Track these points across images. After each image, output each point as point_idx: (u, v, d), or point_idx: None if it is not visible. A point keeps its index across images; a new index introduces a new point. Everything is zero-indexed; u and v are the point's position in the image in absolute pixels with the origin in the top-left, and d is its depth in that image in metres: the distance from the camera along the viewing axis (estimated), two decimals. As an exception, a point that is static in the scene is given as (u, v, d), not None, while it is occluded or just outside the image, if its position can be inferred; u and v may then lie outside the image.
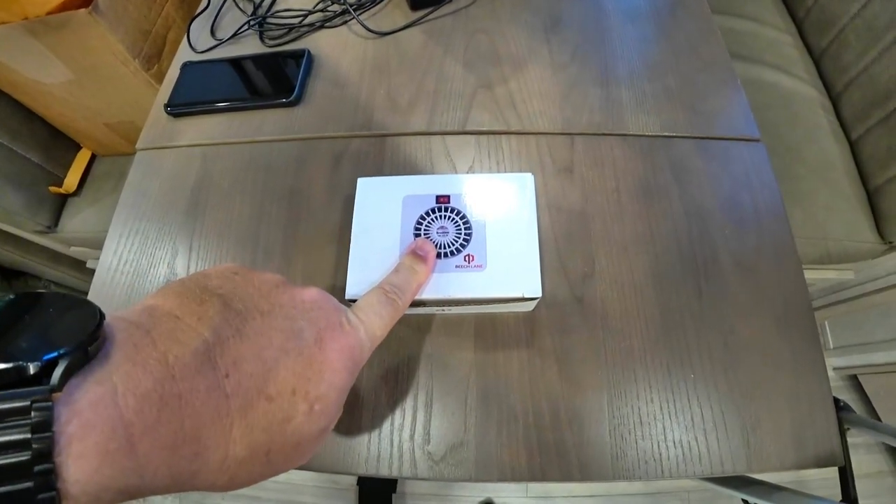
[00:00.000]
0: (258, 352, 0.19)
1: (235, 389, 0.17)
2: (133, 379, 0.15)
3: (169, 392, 0.16)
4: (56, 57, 0.70)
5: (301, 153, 0.48)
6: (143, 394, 0.15)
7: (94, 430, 0.14)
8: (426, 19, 0.56)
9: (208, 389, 0.17)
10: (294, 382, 0.19)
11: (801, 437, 0.35)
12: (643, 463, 0.34)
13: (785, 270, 0.40)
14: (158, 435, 0.15)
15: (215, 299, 0.19)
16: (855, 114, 0.78)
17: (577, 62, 0.52)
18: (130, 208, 0.47)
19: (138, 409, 0.15)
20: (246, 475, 0.19)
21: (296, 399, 0.19)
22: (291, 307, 0.21)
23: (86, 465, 0.14)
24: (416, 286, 0.30)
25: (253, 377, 0.18)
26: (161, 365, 0.16)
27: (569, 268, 0.40)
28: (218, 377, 0.17)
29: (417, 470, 0.35)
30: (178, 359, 0.16)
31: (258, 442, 0.18)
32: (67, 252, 0.97)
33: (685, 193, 0.44)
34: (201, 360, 0.17)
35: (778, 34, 0.90)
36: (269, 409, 0.18)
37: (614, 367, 0.37)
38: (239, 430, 0.17)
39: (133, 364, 0.16)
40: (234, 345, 0.18)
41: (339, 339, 0.22)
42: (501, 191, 0.36)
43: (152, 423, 0.15)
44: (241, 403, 0.18)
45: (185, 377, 0.16)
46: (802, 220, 0.72)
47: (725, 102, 0.49)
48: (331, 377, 0.21)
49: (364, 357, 0.24)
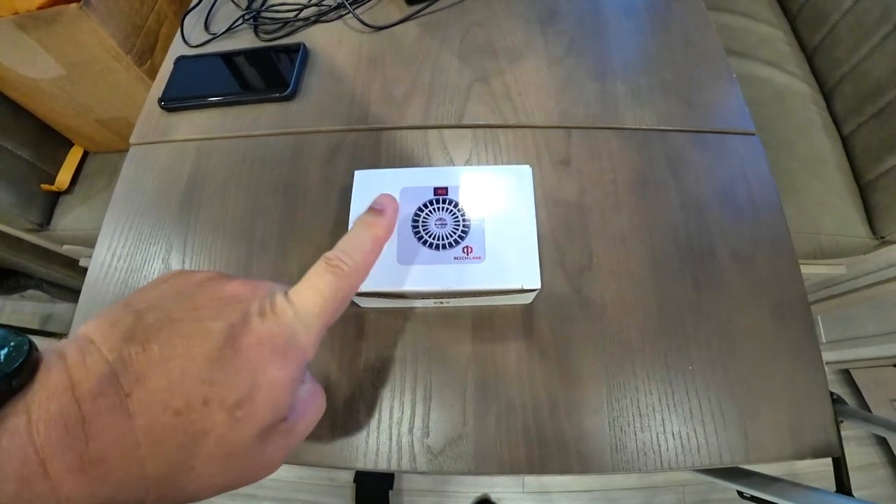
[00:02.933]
0: (163, 364, 0.18)
1: (139, 408, 0.17)
2: (44, 406, 0.16)
3: (73, 416, 0.16)
4: (46, 52, 0.69)
5: (296, 147, 0.48)
6: (50, 419, 0.16)
7: (11, 458, 0.15)
8: (422, 13, 0.56)
9: (108, 410, 0.17)
10: (204, 391, 0.18)
11: (798, 428, 0.35)
12: (642, 455, 0.35)
13: (781, 262, 0.41)
14: (66, 459, 0.16)
15: (129, 316, 0.19)
16: (847, 109, 0.79)
17: (573, 55, 0.52)
18: (124, 204, 0.47)
19: (47, 435, 0.15)
20: (179, 490, 0.18)
21: (209, 409, 0.18)
22: (206, 307, 0.20)
23: (7, 489, 0.14)
24: (371, 243, 0.25)
25: (157, 392, 0.17)
26: (66, 391, 0.16)
27: (567, 260, 0.40)
28: (119, 397, 0.17)
29: (416, 464, 0.35)
30: (82, 382, 0.17)
31: (174, 459, 0.17)
32: (59, 250, 0.96)
33: (682, 186, 0.44)
34: (104, 382, 0.17)
35: (771, 30, 0.90)
36: (178, 424, 0.17)
37: (613, 359, 0.37)
38: (147, 448, 0.17)
39: (46, 391, 0.16)
40: (137, 361, 0.18)
41: (256, 331, 0.20)
42: (500, 183, 0.36)
43: (59, 448, 0.15)
44: (146, 422, 0.17)
45: (87, 400, 0.16)
46: (795, 215, 0.73)
47: (721, 96, 0.49)
48: (251, 377, 0.19)
49: (300, 344, 0.21)
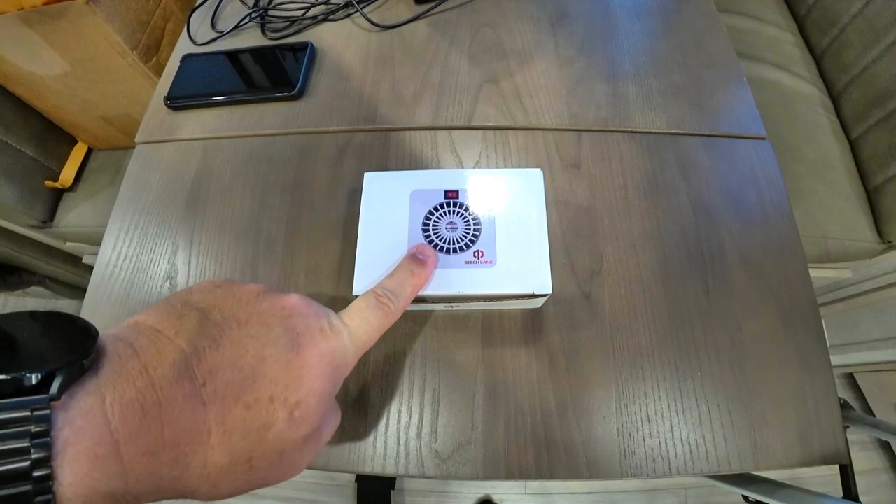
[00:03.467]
0: (234, 360, 0.19)
1: (212, 397, 0.18)
2: (119, 389, 0.16)
3: (150, 401, 0.17)
4: (52, 48, 0.68)
5: (304, 146, 0.48)
6: (127, 402, 0.16)
7: (86, 437, 0.15)
8: (431, 13, 0.56)
9: (185, 398, 0.17)
10: (271, 389, 0.20)
11: (806, 435, 0.35)
12: (651, 461, 0.34)
13: (791, 267, 0.40)
14: (140, 441, 0.16)
15: (194, 313, 0.20)
16: (855, 113, 0.78)
17: (583, 57, 0.52)
18: (129, 202, 0.47)
19: (122, 416, 0.16)
20: (229, 483, 0.19)
21: (274, 406, 0.19)
22: (270, 315, 0.22)
23: (78, 469, 0.15)
24: (411, 290, 0.29)
25: (229, 385, 0.19)
26: (142, 375, 0.17)
27: (577, 264, 0.40)
28: (195, 386, 0.18)
29: (424, 468, 0.35)
30: (157, 369, 0.17)
31: (238, 449, 0.19)
32: (63, 247, 0.96)
33: (692, 190, 0.43)
34: (179, 371, 0.18)
35: (779, 32, 0.90)
36: (247, 417, 0.19)
37: (622, 365, 0.37)
38: (217, 437, 0.18)
39: (118, 375, 0.17)
40: (210, 355, 0.19)
41: (318, 343, 0.22)
42: (510, 186, 0.36)
43: (135, 430, 0.16)
44: (218, 411, 0.18)
45: (164, 386, 0.17)
46: (802, 219, 0.72)
47: (732, 100, 0.49)
48: (310, 383, 0.21)
49: (348, 362, 0.23)
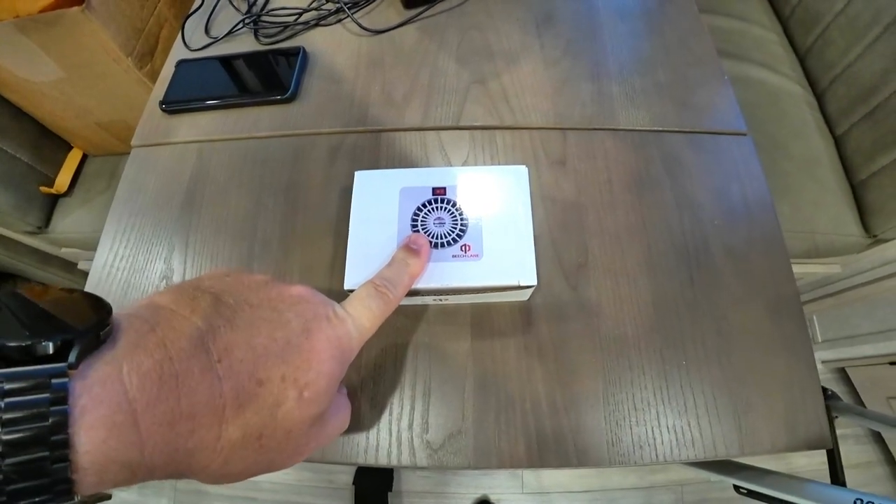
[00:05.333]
0: (248, 340, 0.20)
1: (227, 373, 0.19)
2: (136, 360, 0.17)
3: (167, 372, 0.17)
4: (47, 55, 0.69)
5: (297, 148, 0.49)
6: (145, 373, 0.16)
7: (103, 404, 0.15)
8: (420, 17, 0.57)
9: (202, 371, 0.18)
10: (283, 369, 0.20)
11: (791, 421, 0.36)
12: (638, 448, 0.35)
13: (774, 258, 0.41)
14: (157, 411, 0.16)
15: (207, 296, 0.21)
16: (839, 110, 0.80)
17: (568, 57, 0.53)
18: (126, 205, 0.47)
19: (140, 386, 0.16)
20: (239, 461, 0.19)
21: (285, 385, 0.20)
22: (279, 301, 0.23)
23: (94, 436, 0.15)
24: (408, 279, 0.31)
25: (244, 363, 0.19)
26: (160, 348, 0.17)
27: (563, 258, 0.41)
28: (211, 361, 0.18)
29: (416, 459, 0.35)
30: (175, 343, 0.18)
31: (250, 424, 0.19)
32: (58, 253, 0.96)
33: (676, 185, 0.44)
34: (195, 345, 0.18)
35: (764, 32, 0.91)
36: (260, 393, 0.19)
37: (609, 355, 0.38)
38: (231, 411, 0.18)
39: (136, 347, 0.17)
40: (225, 333, 0.19)
41: (326, 329, 0.23)
42: (497, 182, 0.37)
43: (153, 400, 0.16)
44: (233, 386, 0.19)
45: (182, 359, 0.18)
46: (790, 215, 0.74)
47: (714, 97, 0.50)
48: (318, 366, 0.22)
49: (352, 348, 0.24)
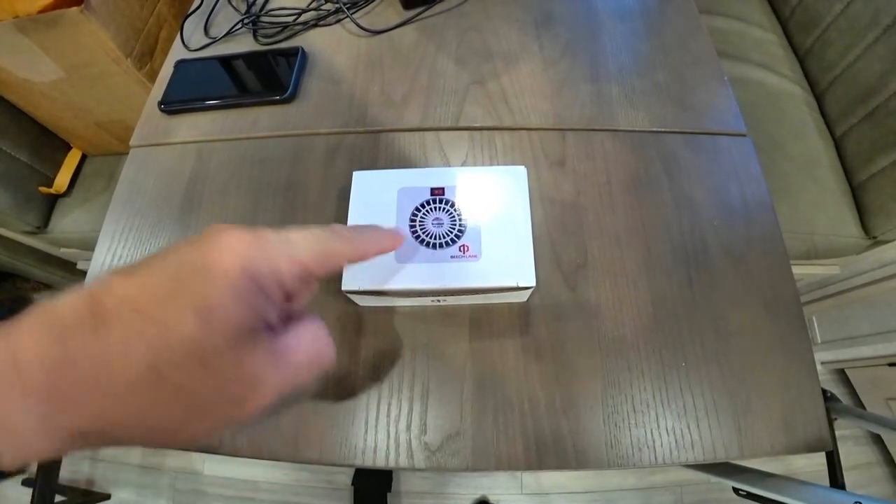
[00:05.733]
0: (142, 279, 0.19)
1: (113, 316, 0.18)
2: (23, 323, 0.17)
3: (51, 324, 0.17)
4: (47, 55, 0.69)
5: (296, 148, 0.48)
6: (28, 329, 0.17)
7: None
8: (419, 17, 0.57)
9: (82, 320, 0.18)
10: (170, 287, 0.19)
11: (790, 423, 0.36)
12: (637, 450, 0.35)
13: (773, 259, 0.41)
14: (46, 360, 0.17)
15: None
16: (839, 111, 0.80)
17: (567, 58, 0.53)
18: (124, 205, 0.47)
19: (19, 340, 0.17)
20: (154, 407, 0.18)
21: (177, 305, 0.18)
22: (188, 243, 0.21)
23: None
24: (374, 245, 0.26)
25: (126, 299, 0.18)
26: (48, 315, 0.18)
27: (562, 259, 0.41)
28: (91, 305, 0.18)
29: (414, 460, 0.35)
30: (64, 304, 0.18)
31: (146, 363, 0.18)
32: (57, 253, 0.96)
33: (675, 186, 0.44)
34: (82, 301, 0.18)
35: (763, 33, 0.91)
36: (146, 321, 0.18)
37: (608, 356, 0.38)
38: (117, 348, 0.17)
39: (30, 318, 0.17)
40: (118, 281, 0.19)
41: (225, 236, 0.20)
42: (495, 183, 0.37)
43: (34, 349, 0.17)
44: (119, 327, 0.18)
45: (66, 315, 0.18)
46: (789, 216, 0.74)
47: (713, 98, 0.50)
48: (216, 270, 0.19)
49: (269, 250, 0.21)
